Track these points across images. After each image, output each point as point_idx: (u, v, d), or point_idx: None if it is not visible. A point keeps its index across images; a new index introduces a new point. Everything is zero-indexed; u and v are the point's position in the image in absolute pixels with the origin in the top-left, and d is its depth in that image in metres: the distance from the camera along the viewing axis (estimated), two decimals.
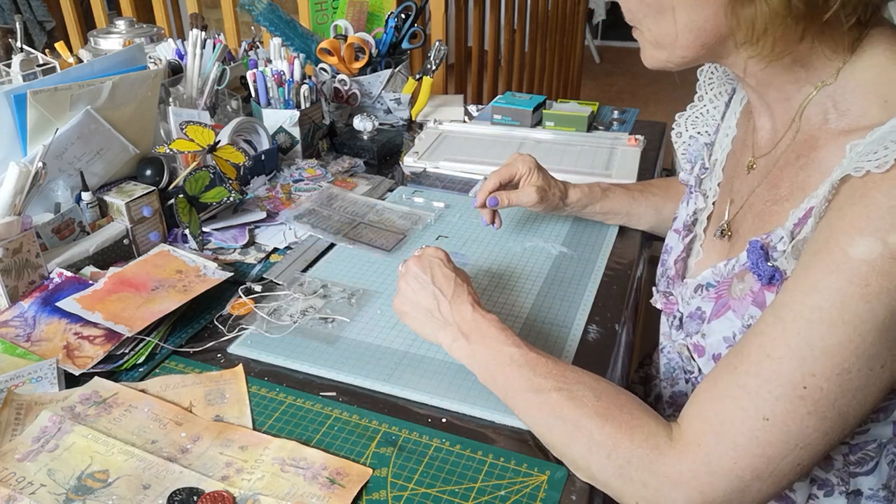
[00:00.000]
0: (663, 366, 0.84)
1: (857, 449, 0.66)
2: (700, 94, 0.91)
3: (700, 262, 0.79)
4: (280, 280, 0.94)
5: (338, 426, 0.71)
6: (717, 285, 0.70)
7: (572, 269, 0.97)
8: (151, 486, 0.63)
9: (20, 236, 0.85)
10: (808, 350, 0.53)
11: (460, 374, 0.76)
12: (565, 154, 1.33)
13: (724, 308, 0.68)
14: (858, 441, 0.66)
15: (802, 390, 0.53)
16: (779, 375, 0.54)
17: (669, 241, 0.86)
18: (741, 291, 0.66)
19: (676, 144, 0.94)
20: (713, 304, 0.70)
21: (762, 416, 0.54)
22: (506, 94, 1.55)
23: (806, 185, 0.63)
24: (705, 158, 0.84)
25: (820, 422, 0.53)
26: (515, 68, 2.60)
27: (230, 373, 0.78)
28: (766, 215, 0.67)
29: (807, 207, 0.61)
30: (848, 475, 0.67)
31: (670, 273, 0.82)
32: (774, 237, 0.63)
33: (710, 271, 0.71)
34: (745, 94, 0.81)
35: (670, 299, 0.80)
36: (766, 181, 0.70)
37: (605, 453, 0.60)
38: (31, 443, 0.67)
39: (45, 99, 0.91)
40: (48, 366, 0.76)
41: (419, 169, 1.31)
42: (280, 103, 1.28)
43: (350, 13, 1.61)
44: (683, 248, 0.81)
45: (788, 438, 0.54)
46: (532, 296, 0.91)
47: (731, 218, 0.75)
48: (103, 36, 1.49)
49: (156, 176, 1.05)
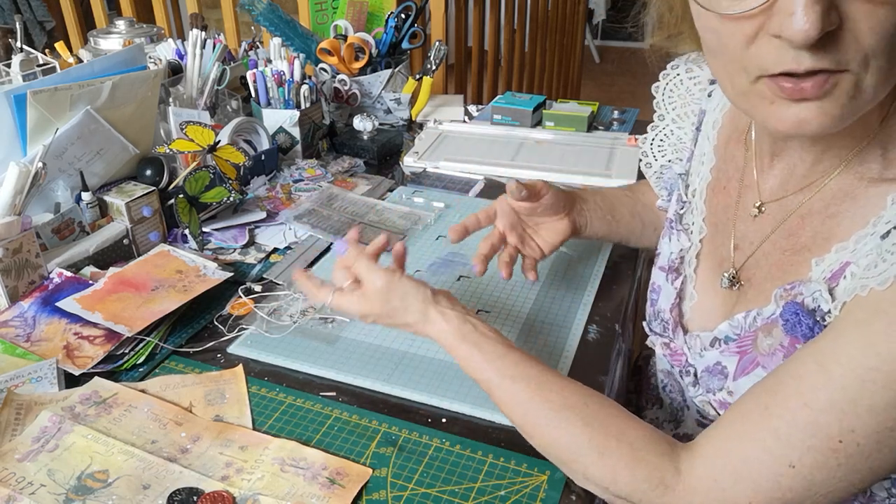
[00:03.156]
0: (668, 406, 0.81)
1: None
2: (660, 112, 0.86)
3: (699, 307, 0.74)
4: (280, 280, 0.94)
5: (338, 426, 0.71)
6: (737, 339, 0.66)
7: (572, 269, 0.97)
8: (151, 486, 0.63)
9: (20, 236, 0.85)
10: (852, 407, 0.50)
11: (460, 374, 0.76)
12: (565, 154, 1.33)
13: (753, 364, 0.64)
14: None
15: (837, 444, 0.51)
16: (815, 427, 0.51)
17: (656, 279, 0.80)
18: (770, 347, 0.62)
19: (647, 174, 0.89)
20: (737, 359, 0.66)
21: (789, 462, 0.52)
22: (506, 94, 1.55)
23: (832, 234, 0.59)
24: (682, 191, 0.79)
25: (849, 474, 0.51)
26: (515, 68, 2.60)
27: (230, 373, 0.78)
28: (785, 265, 0.63)
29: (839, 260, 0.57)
30: None
31: (665, 317, 0.77)
32: (806, 290, 0.59)
33: (728, 325, 0.67)
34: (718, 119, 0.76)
35: (673, 349, 0.76)
36: (783, 229, 0.65)
37: (603, 487, 0.59)
38: (31, 443, 0.67)
39: (45, 99, 0.91)
40: (48, 366, 0.76)
41: (419, 169, 1.31)
42: (280, 103, 1.28)
43: (350, 13, 1.61)
44: (675, 293, 0.76)
45: (812, 487, 0.52)
46: (532, 296, 0.91)
47: (740, 266, 0.69)
48: (103, 36, 1.49)
49: (156, 176, 1.05)
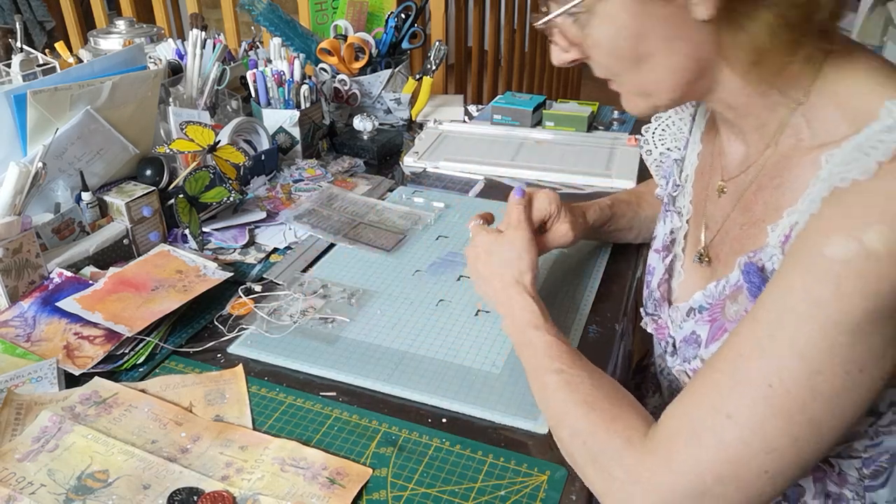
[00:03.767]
0: (665, 389, 0.83)
1: (870, 462, 0.66)
2: None
3: (683, 283, 0.77)
4: (280, 280, 0.94)
5: (338, 426, 0.71)
6: (709, 307, 0.69)
7: (572, 269, 0.97)
8: (151, 486, 0.63)
9: (20, 236, 0.85)
10: (778, 350, 0.52)
11: (460, 374, 0.76)
12: (565, 154, 1.33)
13: (721, 331, 0.67)
14: (871, 454, 0.65)
15: (768, 389, 0.52)
16: (745, 371, 0.53)
17: (651, 261, 0.84)
18: (735, 313, 0.65)
19: (648, 161, 0.92)
20: (708, 327, 0.69)
21: (726, 413, 0.53)
22: (506, 94, 1.55)
23: (782, 202, 0.62)
24: (676, 175, 0.83)
25: (786, 425, 0.51)
26: (515, 68, 2.60)
27: (230, 373, 0.78)
28: (744, 238, 0.66)
29: (790, 223, 0.60)
30: (863, 489, 0.67)
31: (656, 296, 0.80)
32: (764, 256, 0.62)
33: (702, 294, 0.70)
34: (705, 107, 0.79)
35: (660, 323, 0.79)
36: (740, 205, 0.69)
37: (582, 440, 0.61)
38: (31, 443, 0.67)
39: (45, 99, 0.91)
40: (48, 366, 0.76)
41: (419, 169, 1.31)
42: (280, 103, 1.28)
43: (350, 13, 1.61)
44: (665, 269, 0.79)
45: (753, 440, 0.52)
46: None
47: (707, 244, 0.74)
48: (103, 36, 1.49)
49: (156, 176, 1.05)
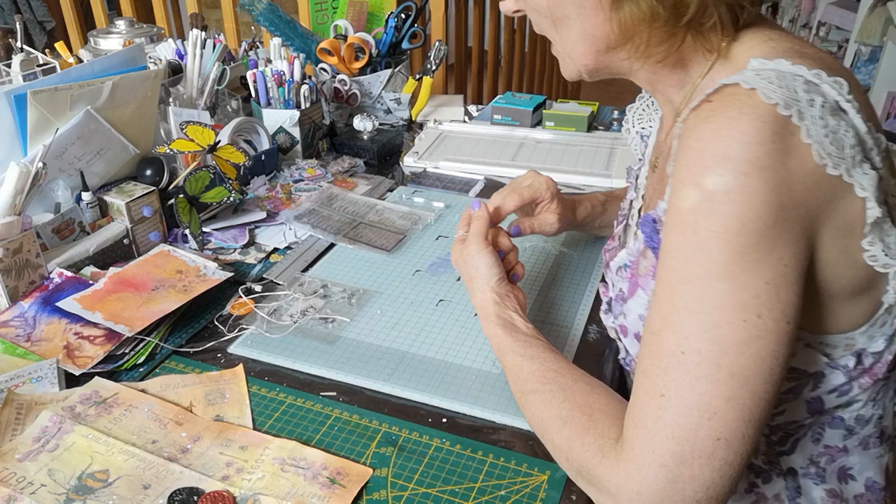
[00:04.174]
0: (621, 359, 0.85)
1: (777, 430, 0.67)
2: None
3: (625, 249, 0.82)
4: (280, 280, 0.94)
5: (338, 426, 0.71)
6: (631, 265, 0.71)
7: (572, 269, 0.97)
8: (152, 485, 0.63)
9: (20, 236, 0.85)
10: (676, 316, 0.52)
11: (460, 374, 0.76)
12: (565, 154, 1.33)
13: (635, 286, 0.68)
14: (778, 422, 0.66)
15: (682, 356, 0.52)
16: (658, 345, 0.53)
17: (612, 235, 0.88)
18: (645, 269, 0.67)
19: (627, 139, 0.94)
20: (628, 284, 0.71)
21: (659, 392, 0.53)
22: (506, 94, 1.55)
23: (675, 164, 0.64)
24: (641, 152, 0.85)
25: (712, 385, 0.51)
26: (515, 68, 2.60)
27: (230, 373, 0.78)
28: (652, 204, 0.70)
29: None
30: (775, 455, 0.68)
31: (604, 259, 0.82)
32: (659, 210, 0.63)
33: (625, 252, 0.72)
34: None
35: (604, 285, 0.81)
36: (655, 175, 0.74)
37: (565, 457, 0.60)
38: (32, 443, 0.67)
39: (45, 99, 0.91)
40: (48, 366, 0.76)
41: (419, 169, 1.31)
42: (280, 103, 1.28)
43: (350, 13, 1.61)
44: (618, 237, 0.81)
45: (689, 410, 0.51)
46: (532, 296, 0.91)
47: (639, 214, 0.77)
48: (103, 36, 1.49)
49: (156, 176, 1.05)
